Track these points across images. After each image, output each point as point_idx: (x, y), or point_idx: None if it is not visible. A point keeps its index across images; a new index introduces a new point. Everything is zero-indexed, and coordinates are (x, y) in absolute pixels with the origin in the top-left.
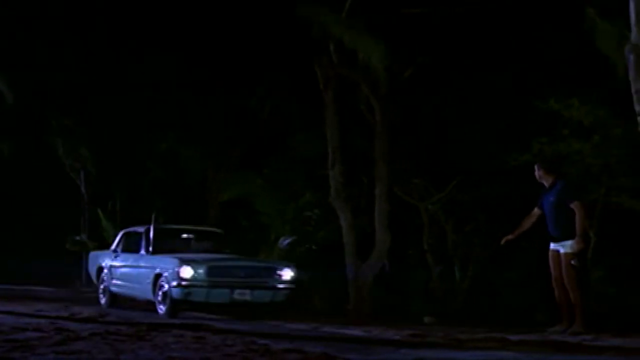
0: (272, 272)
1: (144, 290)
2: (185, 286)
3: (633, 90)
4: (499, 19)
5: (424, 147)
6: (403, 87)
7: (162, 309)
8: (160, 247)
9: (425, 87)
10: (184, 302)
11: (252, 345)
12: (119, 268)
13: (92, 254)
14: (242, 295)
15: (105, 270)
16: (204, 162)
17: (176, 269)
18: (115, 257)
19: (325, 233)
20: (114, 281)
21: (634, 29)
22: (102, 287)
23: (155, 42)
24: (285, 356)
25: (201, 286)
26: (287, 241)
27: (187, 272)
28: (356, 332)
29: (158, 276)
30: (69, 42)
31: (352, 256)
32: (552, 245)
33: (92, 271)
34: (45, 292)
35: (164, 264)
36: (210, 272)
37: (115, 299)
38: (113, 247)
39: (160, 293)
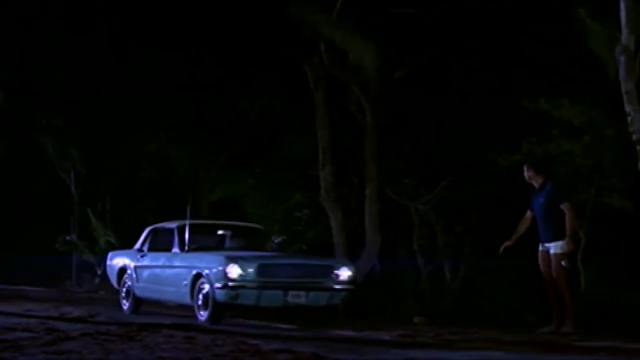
0: (329, 271)
1: (179, 294)
2: (232, 287)
3: (623, 91)
4: (490, 19)
5: (414, 147)
6: (394, 87)
7: (202, 314)
8: (196, 244)
9: (416, 87)
10: (230, 306)
11: (242, 346)
12: (147, 269)
13: (112, 253)
14: (296, 297)
15: (129, 272)
16: (194, 162)
17: (221, 268)
18: (142, 256)
19: (315, 233)
20: (140, 284)
21: (624, 30)
22: (124, 290)
23: (146, 42)
24: (275, 356)
25: (251, 287)
26: (276, 241)
27: (235, 271)
28: (347, 332)
29: (197, 277)
30: (59, 42)
31: (342, 256)
32: (542, 246)
33: (112, 273)
34: (35, 292)
35: (206, 262)
36: (261, 271)
37: (140, 303)
38: (137, 245)
39: (200, 296)
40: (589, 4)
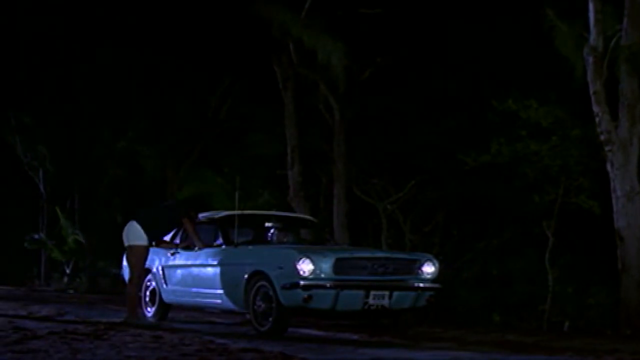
0: (416, 267)
1: (227, 298)
2: (305, 287)
3: (591, 92)
4: (459, 19)
5: (382, 147)
6: (362, 87)
7: (261, 323)
8: (242, 238)
9: (384, 87)
10: (300, 310)
11: (210, 345)
12: (180, 269)
13: None
14: (378, 299)
15: (156, 273)
16: (162, 161)
17: (291, 264)
18: (173, 254)
19: None
20: (170, 287)
21: (593, 31)
22: (147, 295)
23: (115, 41)
24: (242, 355)
25: (326, 287)
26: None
27: (307, 266)
28: (314, 331)
29: (255, 276)
30: (27, 39)
31: None
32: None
33: None
34: (2, 291)
35: (268, 257)
36: (338, 266)
37: (168, 309)
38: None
39: (258, 300)
40: (557, 4)
